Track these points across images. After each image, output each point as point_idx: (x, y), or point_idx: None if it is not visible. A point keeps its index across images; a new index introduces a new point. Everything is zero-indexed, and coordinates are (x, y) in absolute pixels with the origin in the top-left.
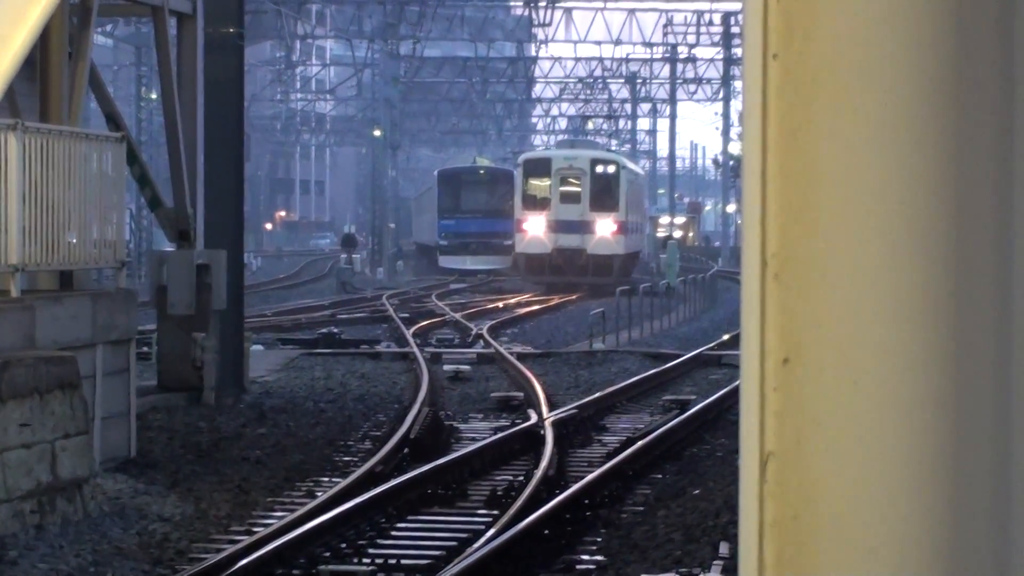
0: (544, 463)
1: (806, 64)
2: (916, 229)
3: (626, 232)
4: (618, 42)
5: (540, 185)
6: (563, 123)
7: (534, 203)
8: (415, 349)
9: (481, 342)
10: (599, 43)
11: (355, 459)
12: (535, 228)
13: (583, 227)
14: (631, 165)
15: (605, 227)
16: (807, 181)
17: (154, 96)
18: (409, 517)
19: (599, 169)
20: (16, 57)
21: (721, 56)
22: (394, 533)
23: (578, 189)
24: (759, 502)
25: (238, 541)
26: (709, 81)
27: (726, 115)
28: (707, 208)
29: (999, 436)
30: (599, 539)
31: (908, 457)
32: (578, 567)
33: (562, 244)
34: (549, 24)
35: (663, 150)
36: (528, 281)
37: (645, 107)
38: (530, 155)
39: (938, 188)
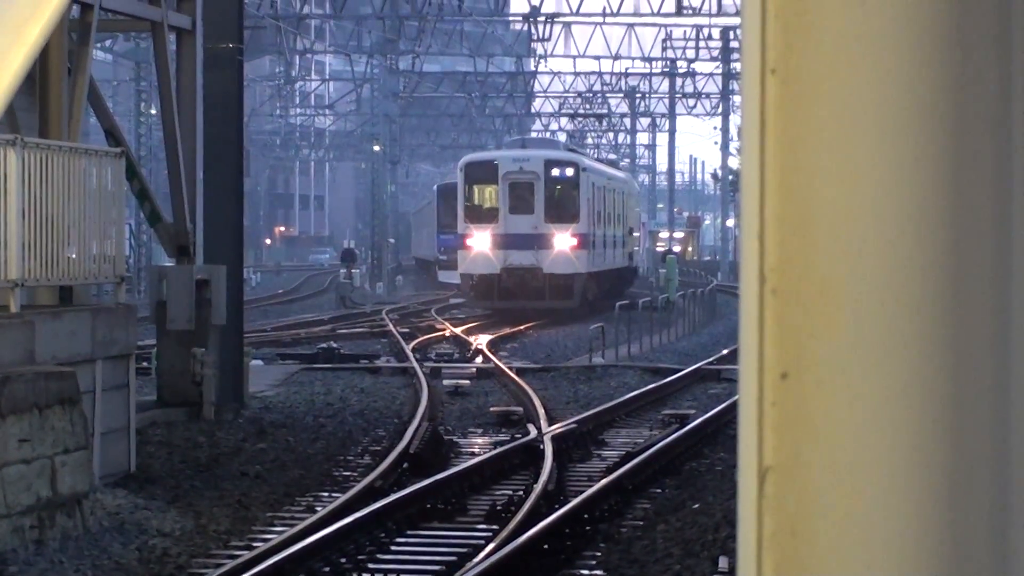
0: (543, 478)
1: (804, 79)
2: (915, 244)
3: (591, 247)
4: (617, 57)
5: (486, 193)
6: (562, 138)
7: (479, 214)
8: (415, 364)
9: (480, 357)
10: (598, 58)
11: (355, 474)
12: (481, 244)
13: (537, 242)
14: (601, 167)
15: (563, 241)
16: (805, 196)
17: (153, 111)
18: (409, 532)
19: (555, 172)
20: (15, 77)
21: (720, 71)
22: (394, 548)
23: (530, 196)
24: (757, 517)
25: (238, 556)
26: (708, 95)
27: (725, 129)
28: (706, 222)
29: (998, 451)
30: (598, 554)
31: (907, 472)
32: None
33: (513, 262)
34: (548, 39)
35: (662, 164)
36: (475, 307)
37: (644, 122)
38: (473, 157)
39: (937, 203)
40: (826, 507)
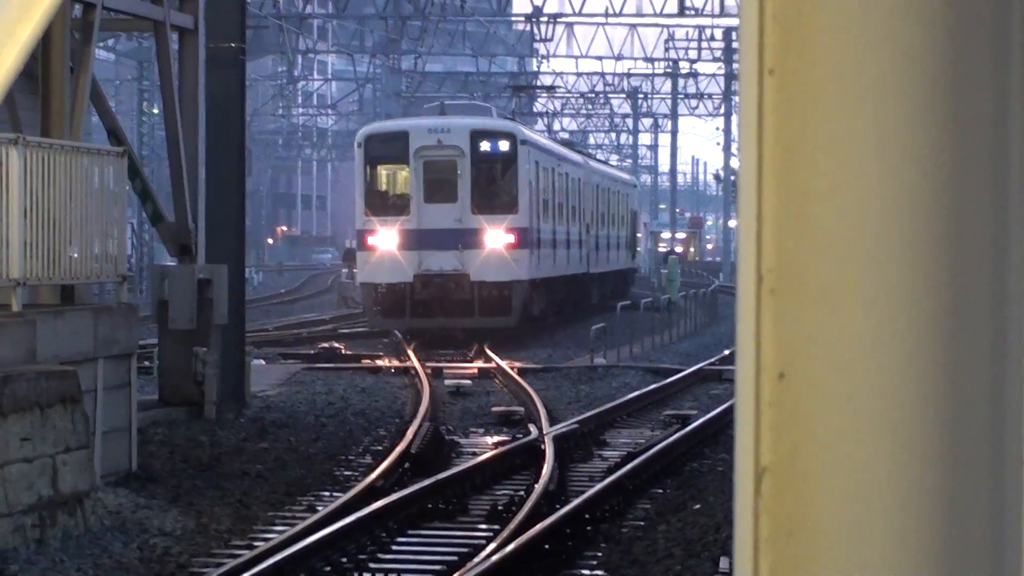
0: (544, 478)
1: (802, 80)
2: (912, 245)
3: (534, 246)
4: (620, 57)
5: (395, 176)
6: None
7: (384, 204)
8: (416, 364)
9: (482, 357)
10: (601, 58)
11: (356, 473)
12: (387, 243)
13: (462, 240)
14: (550, 144)
15: (497, 239)
16: (803, 196)
17: (156, 111)
18: (410, 532)
19: (485, 146)
20: (7, 76)
21: (722, 71)
22: (395, 548)
23: (452, 179)
24: (754, 517)
25: (239, 555)
26: (710, 96)
27: (727, 130)
28: (708, 223)
29: (995, 452)
30: (599, 554)
31: (904, 472)
32: None
33: (430, 267)
34: (551, 39)
35: (664, 165)
36: (380, 327)
37: (647, 122)
38: (375, 127)
39: (934, 205)
40: (823, 508)
